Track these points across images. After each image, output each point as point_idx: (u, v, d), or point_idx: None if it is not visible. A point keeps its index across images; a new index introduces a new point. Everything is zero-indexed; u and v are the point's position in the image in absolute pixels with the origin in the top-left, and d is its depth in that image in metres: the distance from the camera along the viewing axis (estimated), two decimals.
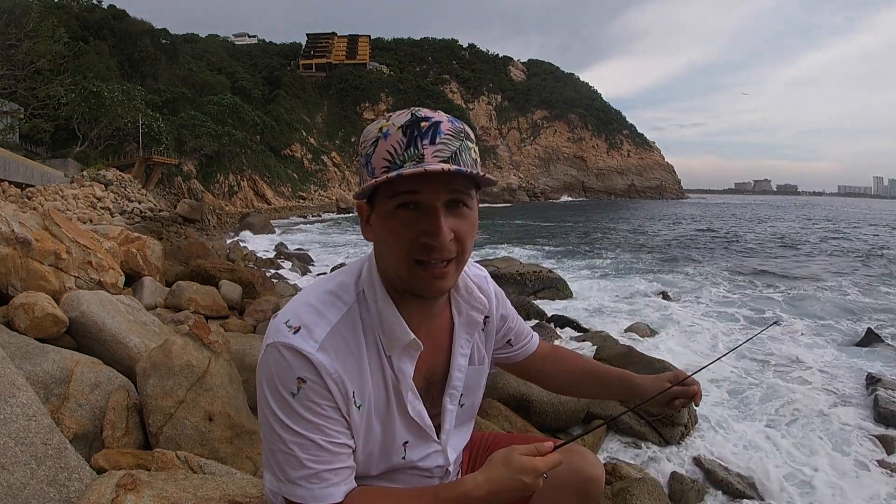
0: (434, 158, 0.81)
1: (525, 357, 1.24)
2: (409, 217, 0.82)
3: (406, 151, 0.81)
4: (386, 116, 0.86)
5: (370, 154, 0.83)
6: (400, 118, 0.83)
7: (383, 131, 0.83)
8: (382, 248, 0.87)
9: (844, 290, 10.88)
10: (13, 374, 1.61)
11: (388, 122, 0.84)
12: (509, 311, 1.18)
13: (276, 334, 0.85)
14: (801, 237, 25.43)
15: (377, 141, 0.83)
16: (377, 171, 0.82)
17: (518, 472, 0.83)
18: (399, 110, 0.86)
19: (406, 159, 0.80)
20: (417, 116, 0.83)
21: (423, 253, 0.83)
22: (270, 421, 0.84)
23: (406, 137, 0.81)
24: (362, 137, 0.87)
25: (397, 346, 0.91)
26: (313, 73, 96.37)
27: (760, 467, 3.72)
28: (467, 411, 1.08)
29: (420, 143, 0.81)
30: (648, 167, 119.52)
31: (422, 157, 0.80)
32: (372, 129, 0.86)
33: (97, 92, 30.67)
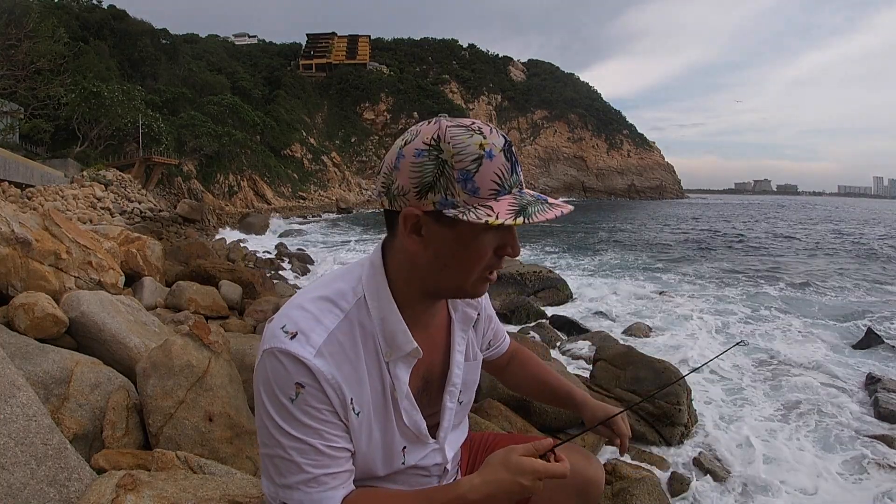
0: (523, 183, 0.87)
1: (497, 357, 1.29)
2: (494, 234, 0.85)
3: (511, 177, 0.83)
4: (474, 129, 0.82)
5: (472, 171, 0.80)
6: (495, 139, 0.82)
7: (486, 150, 0.81)
8: (453, 262, 0.86)
9: (845, 290, 10.89)
10: (13, 374, 1.61)
11: (487, 141, 0.81)
12: (492, 312, 1.21)
13: (273, 340, 0.84)
14: (802, 237, 25.43)
15: (481, 160, 0.80)
16: (483, 191, 0.81)
17: (516, 473, 0.82)
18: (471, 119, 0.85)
19: (512, 185, 0.83)
20: (507, 139, 0.85)
21: (496, 265, 0.88)
22: (268, 426, 0.84)
23: (509, 162, 0.83)
24: (455, 148, 0.80)
25: (398, 354, 0.90)
26: (313, 73, 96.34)
27: (760, 467, 3.72)
28: (465, 408, 1.09)
29: (517, 168, 0.85)
30: (648, 167, 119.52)
31: (521, 185, 0.86)
32: (469, 142, 0.80)
33: (97, 92, 30.67)
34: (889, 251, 19.08)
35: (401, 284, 0.90)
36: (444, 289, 0.91)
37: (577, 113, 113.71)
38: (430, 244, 0.85)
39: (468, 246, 0.84)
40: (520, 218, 0.79)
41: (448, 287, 0.90)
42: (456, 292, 0.92)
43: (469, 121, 0.84)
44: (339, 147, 77.51)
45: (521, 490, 0.82)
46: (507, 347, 1.30)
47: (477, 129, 0.82)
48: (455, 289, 0.90)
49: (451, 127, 0.82)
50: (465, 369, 1.04)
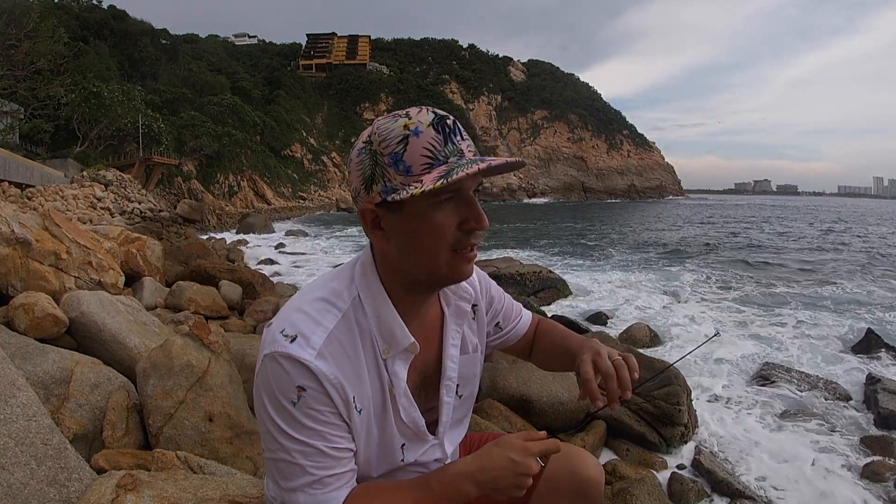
0: (469, 153, 0.85)
1: (518, 338, 1.23)
2: (451, 208, 0.84)
3: (445, 147, 0.83)
4: (400, 114, 0.85)
5: (400, 152, 0.82)
6: (423, 116, 0.83)
7: (411, 129, 0.82)
8: (413, 246, 0.86)
9: (845, 290, 10.88)
10: (13, 375, 1.61)
11: (412, 120, 0.83)
12: (494, 294, 1.17)
13: (273, 344, 0.84)
14: (803, 237, 25.44)
15: (406, 139, 0.82)
16: (416, 167, 0.81)
17: (508, 449, 0.85)
18: (403, 109, 0.87)
19: (449, 154, 0.83)
20: (439, 113, 0.85)
21: (463, 240, 0.86)
22: (272, 430, 0.84)
23: (440, 134, 0.83)
24: (381, 136, 0.83)
25: (395, 350, 0.91)
26: (313, 73, 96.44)
27: (760, 468, 3.72)
28: (466, 402, 1.09)
29: (454, 139, 0.84)
30: (648, 167, 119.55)
31: (461, 153, 0.84)
32: (392, 126, 0.83)
33: (97, 92, 30.70)
34: (890, 251, 19.08)
35: (388, 281, 0.91)
36: (420, 278, 0.89)
37: (577, 113, 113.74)
38: (391, 235, 0.87)
39: (422, 226, 0.84)
40: (440, 181, 0.79)
41: (422, 274, 0.88)
42: (433, 278, 0.89)
43: (402, 111, 0.86)
44: (339, 147, 77.50)
45: (512, 465, 0.84)
46: (527, 328, 1.24)
47: (403, 114, 0.84)
48: (429, 275, 0.88)
49: (379, 120, 0.86)
50: (461, 363, 1.04)
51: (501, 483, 0.84)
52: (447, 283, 0.92)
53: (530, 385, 3.57)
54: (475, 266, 1.12)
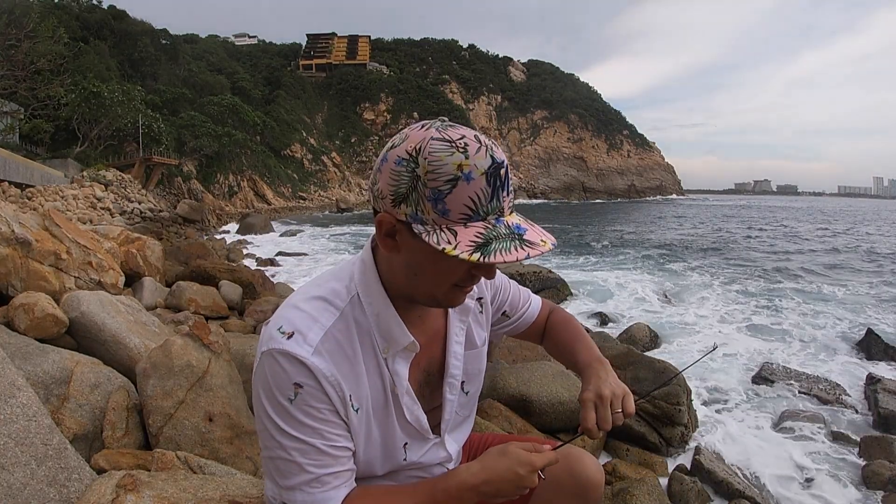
0: (508, 209, 0.81)
1: (527, 326, 1.23)
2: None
3: (490, 203, 0.78)
4: (459, 145, 0.77)
5: (445, 191, 0.76)
6: (480, 159, 0.76)
7: (464, 172, 0.76)
8: (420, 273, 0.84)
9: (845, 290, 10.88)
10: (13, 375, 1.61)
11: (468, 162, 0.76)
12: (501, 283, 1.17)
13: (270, 341, 0.84)
14: (804, 237, 25.43)
15: (457, 181, 0.76)
16: (454, 214, 0.77)
17: (514, 462, 0.84)
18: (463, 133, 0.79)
19: (489, 212, 0.78)
20: (496, 160, 0.78)
21: (468, 281, 0.86)
22: (269, 428, 0.84)
23: (490, 187, 0.77)
24: (431, 165, 0.76)
25: (395, 349, 0.90)
26: (313, 73, 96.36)
27: (760, 468, 3.72)
28: (471, 399, 1.08)
29: (500, 194, 0.79)
30: (648, 167, 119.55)
31: (501, 211, 0.80)
32: (447, 160, 0.76)
33: (97, 92, 30.71)
34: (891, 251, 19.07)
35: (390, 281, 0.91)
36: (418, 296, 0.89)
37: (577, 113, 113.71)
38: (403, 251, 0.84)
39: (437, 263, 0.82)
40: (476, 255, 0.75)
41: (421, 295, 0.88)
42: (429, 301, 0.90)
43: (460, 135, 0.78)
44: (339, 147, 77.53)
45: (517, 478, 0.84)
46: (536, 314, 1.23)
47: (461, 147, 0.76)
48: (428, 298, 0.89)
49: (434, 140, 0.77)
50: (467, 359, 1.04)
51: (503, 493, 0.85)
52: (440, 307, 0.93)
53: (530, 385, 3.57)
54: None
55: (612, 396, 0.95)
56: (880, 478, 3.49)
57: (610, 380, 0.99)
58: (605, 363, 1.05)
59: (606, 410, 0.94)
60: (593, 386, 0.98)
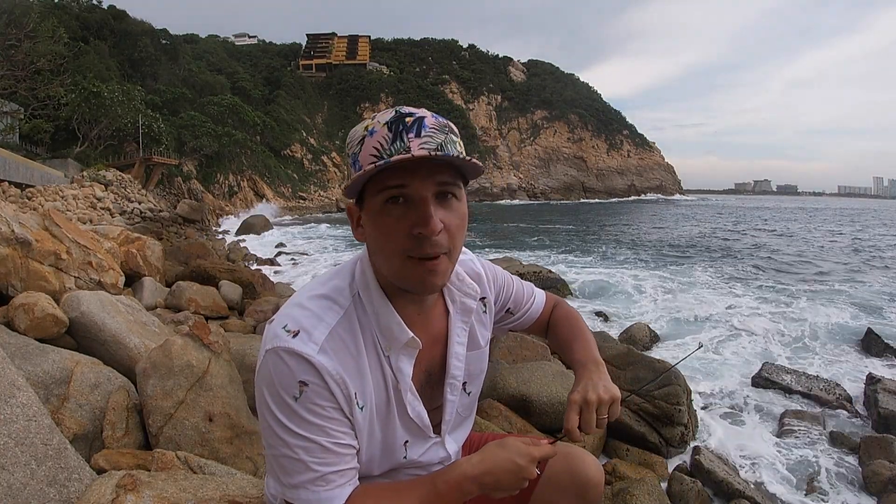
0: (420, 150, 0.80)
1: (532, 322, 1.23)
2: (399, 211, 0.82)
3: (392, 145, 0.81)
4: (371, 116, 0.87)
5: (357, 152, 0.84)
6: (384, 116, 0.85)
7: (369, 129, 0.84)
8: (374, 246, 0.88)
9: (846, 290, 10.87)
10: (13, 375, 1.61)
11: (374, 121, 0.85)
12: (503, 281, 1.17)
13: (275, 339, 0.84)
14: (804, 236, 25.43)
15: (363, 139, 0.84)
16: (365, 167, 0.82)
17: (513, 453, 0.86)
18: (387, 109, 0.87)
19: (393, 153, 0.81)
20: (401, 112, 0.84)
21: (415, 247, 0.82)
22: (273, 426, 0.84)
23: (391, 132, 0.82)
24: (349, 138, 0.88)
25: (396, 346, 0.90)
26: (313, 73, 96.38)
27: (760, 468, 3.72)
28: (472, 399, 1.09)
29: (405, 136, 0.82)
30: (648, 167, 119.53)
31: (408, 150, 0.81)
32: (358, 128, 0.86)
33: (97, 92, 30.70)
34: (891, 251, 19.07)
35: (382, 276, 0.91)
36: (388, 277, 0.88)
37: (577, 113, 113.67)
38: (364, 232, 0.89)
39: (376, 226, 0.84)
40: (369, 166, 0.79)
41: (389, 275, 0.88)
42: (397, 281, 0.87)
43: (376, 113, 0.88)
44: (339, 147, 77.41)
45: (516, 469, 0.85)
46: (540, 311, 1.22)
47: (372, 116, 0.86)
48: (390, 275, 0.87)
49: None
50: (469, 359, 1.04)
51: (503, 485, 0.85)
52: (412, 290, 0.88)
53: (530, 385, 3.57)
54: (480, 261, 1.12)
55: (598, 401, 0.94)
56: (880, 478, 3.49)
57: (601, 383, 0.97)
58: (601, 364, 1.04)
59: (591, 415, 0.93)
60: (582, 388, 0.97)
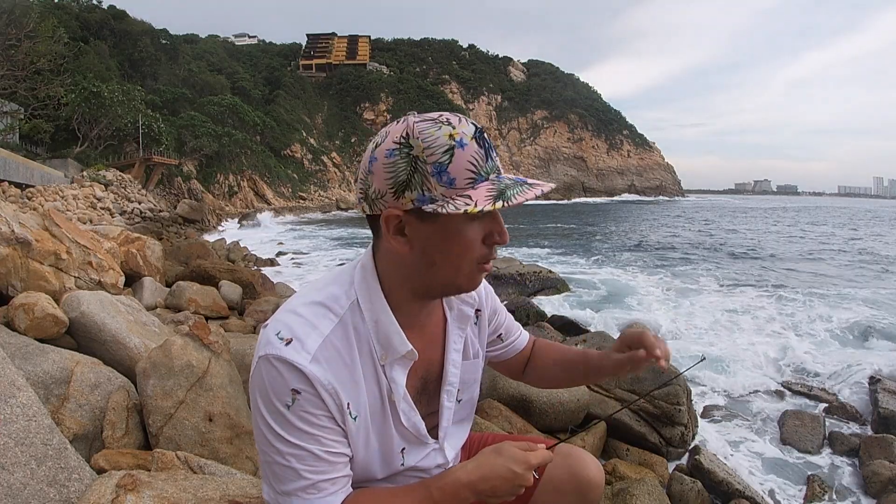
0: (502, 169, 0.86)
1: (515, 354, 1.23)
2: (478, 225, 0.84)
3: (487, 163, 0.82)
4: (441, 121, 0.81)
5: (445, 162, 0.79)
6: (465, 127, 0.81)
7: (457, 140, 0.80)
8: (441, 257, 0.85)
9: (846, 290, 10.87)
10: (13, 375, 1.61)
11: (457, 130, 0.80)
12: (498, 306, 1.18)
13: (268, 346, 0.83)
14: (804, 235, 25.44)
15: (452, 150, 0.79)
16: (459, 181, 0.80)
17: (508, 460, 0.84)
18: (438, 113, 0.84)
19: (489, 171, 0.82)
20: (477, 126, 0.83)
21: (489, 255, 0.87)
22: (265, 433, 0.83)
23: (482, 149, 0.82)
24: (425, 142, 0.79)
25: (392, 357, 0.90)
26: (313, 73, 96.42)
27: (760, 468, 3.73)
28: (465, 406, 1.08)
29: (492, 154, 0.83)
30: (648, 167, 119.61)
31: (499, 170, 0.84)
32: (437, 135, 0.80)
33: (97, 92, 30.72)
34: (891, 252, 19.07)
35: (392, 286, 0.90)
36: (437, 286, 0.89)
37: (577, 113, 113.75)
38: (416, 243, 0.84)
39: (453, 239, 0.83)
40: (499, 202, 0.78)
41: (440, 284, 0.89)
42: (449, 288, 0.90)
43: (437, 114, 0.83)
44: (339, 147, 77.54)
45: (511, 477, 0.83)
46: (524, 344, 1.24)
47: (445, 121, 0.81)
48: (447, 285, 0.89)
49: (418, 122, 0.81)
50: (463, 368, 1.04)
51: (499, 492, 0.84)
52: (461, 292, 0.94)
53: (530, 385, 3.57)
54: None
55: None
56: (880, 478, 3.49)
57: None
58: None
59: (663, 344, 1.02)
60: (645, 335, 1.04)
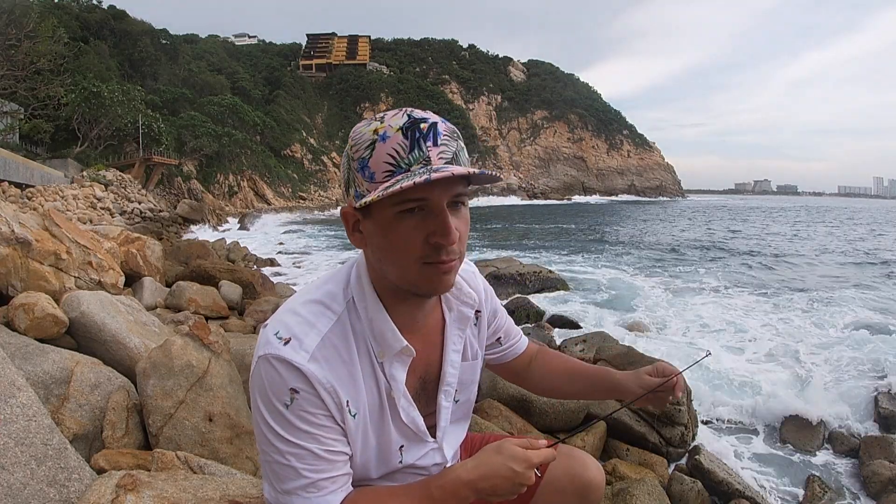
0: (440, 160, 0.80)
1: (514, 357, 1.23)
2: (415, 221, 0.81)
3: (410, 154, 0.79)
4: (376, 117, 0.83)
5: (366, 158, 0.80)
6: (395, 119, 0.81)
7: (379, 133, 0.80)
8: (383, 254, 0.85)
9: (847, 291, 10.87)
10: (13, 375, 1.61)
11: (383, 125, 0.81)
12: (498, 308, 1.18)
13: (267, 346, 0.84)
14: (805, 235, 25.45)
15: (373, 144, 0.80)
16: (378, 174, 0.79)
17: (509, 459, 0.83)
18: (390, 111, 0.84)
19: (412, 162, 0.79)
20: (414, 117, 0.81)
21: (432, 254, 0.82)
22: (265, 432, 0.84)
23: (408, 140, 0.79)
24: (353, 140, 0.83)
25: (389, 353, 0.90)
26: (313, 73, 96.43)
27: (760, 468, 3.72)
28: (462, 407, 1.08)
29: (423, 144, 0.80)
30: (648, 167, 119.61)
31: (428, 160, 0.80)
32: (364, 131, 0.82)
33: (97, 92, 30.73)
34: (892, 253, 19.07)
35: (379, 285, 0.90)
36: (398, 284, 0.87)
37: (577, 113, 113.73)
38: (367, 240, 0.86)
39: (388, 235, 0.82)
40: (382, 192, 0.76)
41: (398, 281, 0.87)
42: (410, 287, 0.87)
43: (381, 114, 0.84)
44: (339, 147, 77.43)
45: (512, 476, 0.83)
46: (524, 348, 1.24)
47: (380, 118, 0.82)
48: (405, 283, 0.86)
49: (360, 122, 0.85)
50: (462, 369, 1.04)
51: (500, 491, 0.84)
52: (424, 294, 0.89)
53: None
54: (481, 277, 1.12)
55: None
56: (880, 478, 3.49)
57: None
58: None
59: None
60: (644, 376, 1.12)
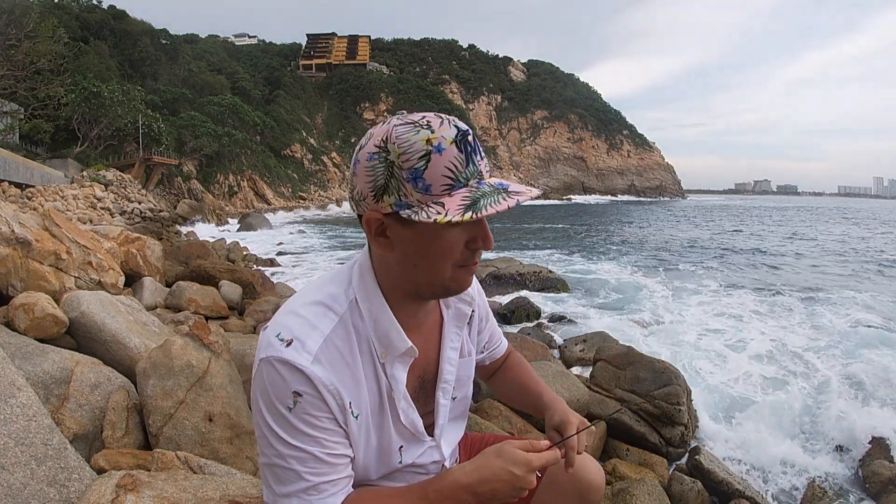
0: (486, 173, 0.83)
1: (492, 361, 1.25)
2: (461, 228, 0.82)
3: (467, 169, 0.80)
4: (421, 124, 0.80)
5: (421, 168, 0.78)
6: (446, 131, 0.79)
7: (434, 145, 0.78)
8: (419, 259, 0.84)
9: (847, 291, 10.87)
10: (13, 375, 1.61)
11: (435, 135, 0.79)
12: (489, 311, 1.19)
13: (269, 348, 0.83)
14: (805, 235, 25.45)
15: (428, 155, 0.78)
16: (436, 187, 0.79)
17: (509, 462, 0.82)
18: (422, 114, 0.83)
19: (469, 177, 0.80)
20: (461, 129, 0.81)
21: (470, 258, 0.86)
22: (267, 436, 0.83)
23: (462, 153, 0.80)
24: (401, 148, 0.79)
25: (393, 354, 0.90)
26: (313, 73, 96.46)
27: (759, 468, 3.72)
28: (460, 404, 1.08)
29: (475, 158, 0.81)
30: (648, 167, 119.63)
31: (481, 175, 0.82)
32: (414, 139, 0.78)
33: (97, 92, 30.74)
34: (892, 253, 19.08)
35: (388, 285, 0.90)
36: (423, 287, 0.88)
37: (576, 113, 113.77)
38: (397, 245, 0.84)
39: (433, 243, 0.82)
40: (468, 213, 0.76)
41: (424, 286, 0.88)
42: (435, 290, 0.89)
43: (420, 115, 0.82)
44: (339, 147, 77.48)
45: (512, 479, 0.82)
46: (503, 352, 1.26)
47: (425, 124, 0.80)
48: (432, 286, 0.88)
49: (398, 126, 0.80)
50: (458, 366, 1.04)
51: (499, 494, 0.83)
52: (449, 294, 0.91)
53: None
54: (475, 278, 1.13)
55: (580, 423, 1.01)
56: (880, 478, 3.49)
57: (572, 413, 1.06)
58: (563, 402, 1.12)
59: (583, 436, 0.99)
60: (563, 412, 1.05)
